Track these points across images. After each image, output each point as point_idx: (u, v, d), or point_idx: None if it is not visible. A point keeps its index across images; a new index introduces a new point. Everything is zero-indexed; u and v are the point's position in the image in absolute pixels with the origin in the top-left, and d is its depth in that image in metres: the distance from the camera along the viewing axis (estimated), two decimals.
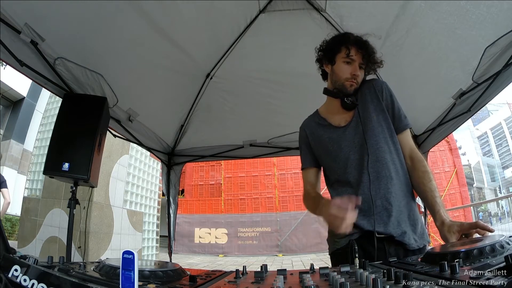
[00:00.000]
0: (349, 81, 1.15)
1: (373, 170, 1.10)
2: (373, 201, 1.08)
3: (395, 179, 1.10)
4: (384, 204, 1.08)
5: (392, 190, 1.09)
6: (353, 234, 1.10)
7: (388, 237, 1.06)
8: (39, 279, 0.54)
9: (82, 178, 1.81)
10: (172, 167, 3.24)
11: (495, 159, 34.11)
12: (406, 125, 1.17)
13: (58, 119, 1.87)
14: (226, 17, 2.13)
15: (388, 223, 1.07)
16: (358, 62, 1.15)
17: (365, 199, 1.08)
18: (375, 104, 1.17)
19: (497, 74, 1.80)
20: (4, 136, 11.29)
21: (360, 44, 1.16)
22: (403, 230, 1.07)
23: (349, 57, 1.15)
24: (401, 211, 1.09)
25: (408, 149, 1.16)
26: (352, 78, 1.14)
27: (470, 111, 2.16)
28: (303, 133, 1.29)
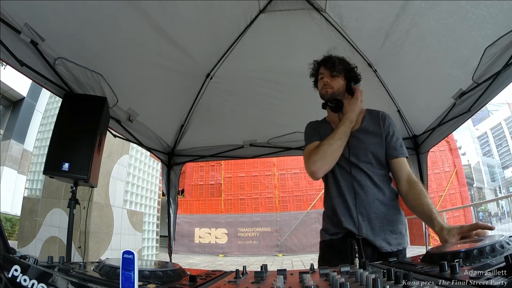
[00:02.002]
0: (323, 89, 1.35)
1: (354, 177, 1.26)
2: (356, 205, 1.23)
3: (374, 189, 1.25)
4: (361, 209, 1.22)
5: (370, 197, 1.23)
6: (337, 233, 1.26)
7: (363, 239, 1.18)
8: (39, 279, 0.54)
9: (82, 178, 1.81)
10: (172, 167, 3.25)
11: (495, 159, 34.11)
12: (401, 154, 1.29)
13: (58, 119, 1.87)
14: (226, 17, 2.13)
15: (363, 226, 1.20)
16: (327, 73, 1.35)
17: (348, 200, 1.24)
18: (374, 129, 1.32)
19: (497, 74, 1.80)
20: (4, 136, 11.28)
21: (325, 61, 1.38)
22: (376, 233, 1.19)
23: (321, 74, 1.38)
24: (377, 217, 1.22)
25: (406, 175, 1.27)
26: (324, 85, 1.34)
27: (470, 111, 2.16)
28: (314, 124, 1.46)
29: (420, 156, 2.96)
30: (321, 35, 2.20)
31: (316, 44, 2.29)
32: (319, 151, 1.23)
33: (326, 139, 1.25)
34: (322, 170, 1.24)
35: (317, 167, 1.23)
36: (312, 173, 1.25)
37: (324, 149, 1.23)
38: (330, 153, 1.22)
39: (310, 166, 1.23)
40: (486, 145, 35.87)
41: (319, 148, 1.24)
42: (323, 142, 1.25)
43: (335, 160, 1.25)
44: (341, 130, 1.25)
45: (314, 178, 1.28)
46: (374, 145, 1.28)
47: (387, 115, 1.37)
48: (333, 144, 1.22)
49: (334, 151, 1.23)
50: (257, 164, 11.52)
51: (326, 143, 1.23)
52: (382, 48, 2.21)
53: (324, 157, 1.22)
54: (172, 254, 3.27)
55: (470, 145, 33.16)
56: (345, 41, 2.26)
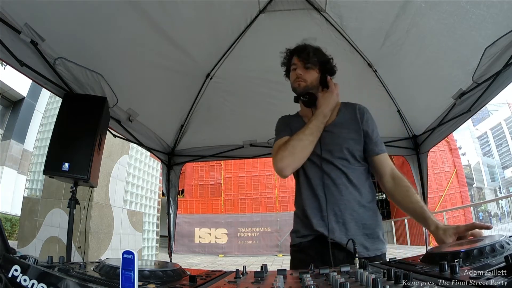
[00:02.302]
0: (296, 82, 1.26)
1: (327, 174, 1.17)
2: (326, 204, 1.14)
3: (350, 188, 1.16)
4: (335, 210, 1.13)
5: (346, 197, 1.14)
6: (307, 236, 1.17)
7: (336, 243, 1.09)
8: (39, 279, 0.54)
9: (82, 178, 1.81)
10: (172, 167, 3.24)
11: (495, 159, 34.11)
12: (382, 150, 1.24)
13: (58, 119, 1.87)
14: (226, 17, 2.13)
15: (336, 229, 1.11)
16: (301, 64, 1.25)
17: (320, 200, 1.15)
18: (350, 123, 1.25)
19: (497, 74, 1.80)
20: (4, 136, 11.29)
21: (298, 50, 1.29)
22: (351, 237, 1.06)
23: (293, 65, 1.28)
24: (353, 219, 1.13)
25: (389, 170, 1.21)
26: (297, 78, 1.25)
27: (470, 111, 2.16)
28: (286, 119, 1.38)
29: (420, 156, 2.96)
30: (321, 35, 2.20)
31: (316, 44, 2.28)
32: (288, 146, 1.13)
33: (296, 134, 1.16)
34: (291, 168, 1.14)
35: (284, 164, 1.12)
36: (279, 171, 1.14)
37: (293, 144, 1.13)
38: (299, 149, 1.13)
39: (278, 162, 1.13)
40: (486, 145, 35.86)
41: (288, 143, 1.14)
42: (292, 137, 1.16)
43: (305, 157, 1.15)
44: (313, 124, 1.16)
45: (282, 176, 1.17)
46: (350, 140, 1.20)
47: (365, 109, 1.29)
48: (303, 139, 1.14)
49: (304, 147, 1.14)
50: (257, 164, 11.53)
51: (296, 138, 1.14)
52: (382, 48, 2.21)
53: (293, 153, 1.12)
54: (172, 254, 3.27)
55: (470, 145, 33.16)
56: (345, 41, 2.26)
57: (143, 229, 6.95)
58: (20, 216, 6.26)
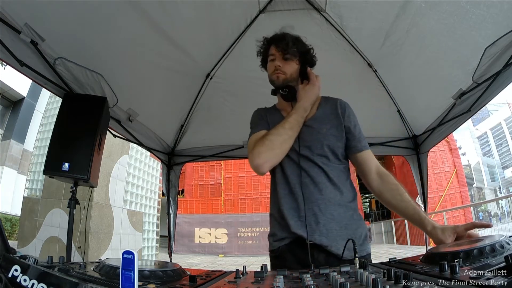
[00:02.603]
0: (274, 74, 1.18)
1: (306, 172, 1.10)
2: (305, 204, 1.06)
3: (330, 186, 1.09)
4: (314, 210, 1.06)
5: (326, 196, 1.07)
6: (284, 239, 1.09)
7: (317, 245, 1.02)
8: (39, 279, 0.54)
9: (82, 178, 1.81)
10: (172, 167, 3.24)
11: (495, 159, 34.11)
12: (365, 146, 1.18)
13: (58, 119, 1.87)
14: (226, 17, 2.13)
15: (316, 230, 1.04)
16: (279, 55, 1.17)
17: (298, 200, 1.08)
18: (331, 119, 1.18)
19: (497, 74, 1.80)
20: (4, 136, 11.29)
21: (276, 40, 1.19)
22: (332, 239, 1.03)
23: (271, 55, 1.20)
24: (333, 219, 1.06)
25: (374, 167, 1.16)
26: (276, 70, 1.17)
27: (470, 111, 2.16)
28: (261, 112, 1.29)
29: (420, 156, 2.96)
30: (321, 35, 2.20)
31: (316, 44, 2.28)
32: (265, 141, 1.05)
33: (274, 128, 1.08)
34: (268, 164, 1.07)
35: (262, 160, 1.04)
36: (256, 167, 1.06)
37: (271, 139, 1.05)
38: (278, 144, 1.05)
39: (254, 158, 1.05)
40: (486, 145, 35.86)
41: (266, 138, 1.06)
42: (270, 131, 1.08)
43: (283, 153, 1.08)
44: (293, 119, 1.08)
45: (258, 173, 1.10)
46: (330, 136, 1.13)
47: (347, 104, 1.22)
48: (282, 134, 1.06)
49: (283, 143, 1.06)
50: None
51: (275, 132, 1.06)
52: (382, 48, 2.21)
53: (271, 148, 1.05)
54: (172, 254, 3.27)
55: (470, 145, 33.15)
56: (345, 41, 2.26)
57: (143, 229, 6.95)
58: (20, 216, 6.26)
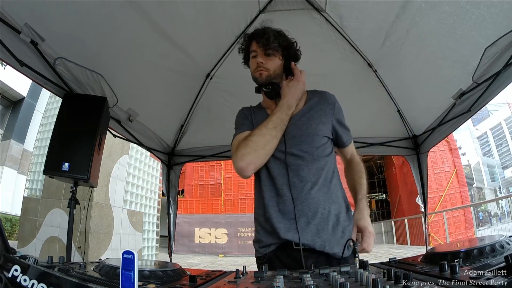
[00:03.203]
0: (257, 71, 1.13)
1: (294, 172, 1.04)
2: (294, 204, 1.01)
3: (320, 184, 1.04)
4: (304, 210, 1.01)
5: (315, 195, 1.03)
6: (270, 245, 1.03)
7: (307, 248, 0.98)
8: (39, 279, 0.54)
9: (82, 178, 1.81)
10: (172, 167, 3.24)
11: (495, 159, 34.08)
12: (349, 141, 1.22)
13: (58, 119, 1.87)
14: (226, 17, 2.13)
15: (308, 232, 0.99)
16: (261, 51, 1.13)
17: (286, 202, 1.02)
18: (320, 113, 1.14)
19: (497, 74, 1.80)
20: (4, 136, 11.29)
21: (257, 35, 1.15)
22: (323, 238, 0.99)
23: (253, 52, 1.16)
24: (324, 218, 1.02)
25: (350, 154, 1.23)
26: (258, 67, 1.13)
27: (470, 111, 2.16)
28: (246, 111, 1.24)
29: (420, 156, 2.96)
30: (321, 35, 2.20)
31: (316, 44, 2.29)
32: (248, 142, 0.99)
33: (257, 127, 1.03)
34: (252, 167, 1.01)
35: (245, 163, 0.98)
36: (239, 170, 1.00)
37: (255, 140, 1.00)
38: (261, 145, 0.99)
39: (238, 161, 0.99)
40: (486, 145, 35.83)
41: (249, 139, 1.00)
42: (253, 131, 1.02)
43: (268, 154, 1.02)
44: (277, 117, 1.03)
45: (242, 177, 1.04)
46: (319, 132, 1.10)
47: (335, 97, 1.19)
48: (265, 134, 1.00)
49: (267, 143, 1.00)
50: None
51: (258, 133, 1.01)
52: (382, 48, 2.21)
53: (254, 150, 0.99)
54: (172, 254, 3.27)
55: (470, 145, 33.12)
56: (345, 41, 2.26)
57: (143, 229, 6.95)
58: (20, 216, 6.25)
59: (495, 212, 16.89)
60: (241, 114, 1.23)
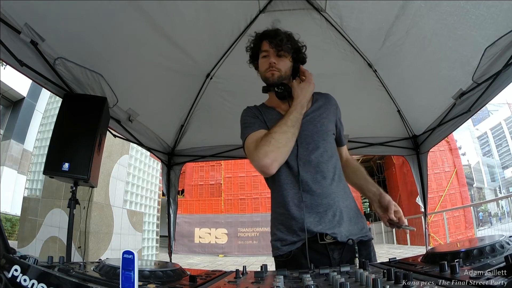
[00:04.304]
0: (268, 71, 1.17)
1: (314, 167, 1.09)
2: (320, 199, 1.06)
3: (336, 179, 1.10)
4: (329, 203, 1.05)
5: (335, 189, 1.08)
6: (296, 242, 1.05)
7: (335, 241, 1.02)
8: (39, 279, 0.54)
9: (82, 178, 1.81)
10: (172, 167, 3.24)
11: (495, 159, 34.07)
12: (346, 141, 1.34)
13: (58, 119, 1.87)
14: (226, 17, 2.13)
15: (335, 224, 1.04)
16: (273, 52, 1.16)
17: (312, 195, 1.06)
18: (327, 113, 1.22)
19: (497, 74, 1.80)
20: (4, 136, 11.29)
21: (270, 35, 1.18)
22: (346, 230, 1.05)
23: (264, 51, 1.19)
24: (345, 211, 1.08)
25: (345, 153, 1.33)
26: (270, 67, 1.16)
27: (470, 111, 2.16)
28: (254, 110, 1.26)
29: (420, 156, 2.96)
30: (321, 35, 2.20)
31: (316, 44, 2.28)
32: (271, 140, 1.01)
33: (277, 126, 1.04)
34: (277, 163, 1.02)
35: (270, 159, 1.00)
36: (264, 167, 1.01)
37: (277, 137, 1.01)
38: (284, 142, 1.02)
39: (262, 158, 1.00)
40: (486, 145, 35.83)
41: (270, 136, 1.02)
42: (273, 130, 1.04)
43: (289, 151, 1.05)
44: (294, 116, 1.06)
45: (266, 174, 1.05)
46: (329, 129, 1.18)
47: (335, 100, 1.29)
48: (286, 131, 1.03)
49: (288, 140, 1.03)
50: None
51: (279, 130, 1.03)
52: (382, 48, 2.21)
53: (278, 147, 1.00)
54: (172, 254, 3.27)
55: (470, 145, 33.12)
56: (345, 41, 2.26)
57: (143, 229, 6.95)
58: (20, 216, 6.25)
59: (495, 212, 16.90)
60: (249, 113, 1.24)
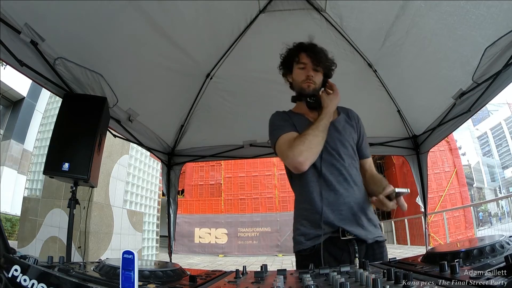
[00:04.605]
0: (305, 83, 1.28)
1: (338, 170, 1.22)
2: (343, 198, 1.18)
3: (359, 182, 1.24)
4: (350, 203, 1.18)
5: (357, 190, 1.22)
6: (320, 236, 1.13)
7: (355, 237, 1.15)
8: (39, 279, 0.54)
9: (82, 178, 1.81)
10: (172, 167, 3.24)
11: (495, 159, 34.07)
12: (369, 153, 1.37)
13: (58, 119, 1.86)
14: (226, 17, 2.13)
15: (353, 222, 1.17)
16: (311, 66, 1.28)
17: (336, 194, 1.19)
18: (349, 124, 1.34)
19: (497, 74, 1.80)
20: (4, 136, 11.29)
21: (308, 49, 1.30)
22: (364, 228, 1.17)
23: (301, 63, 1.29)
24: (364, 212, 1.20)
25: (369, 170, 1.35)
26: (307, 79, 1.27)
27: (470, 111, 2.16)
28: (284, 115, 1.35)
29: (420, 156, 2.96)
30: (321, 35, 2.19)
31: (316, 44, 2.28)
32: (305, 141, 1.14)
33: (310, 129, 1.17)
34: (309, 161, 1.15)
35: (304, 158, 1.13)
36: (298, 164, 1.14)
37: (310, 139, 1.15)
38: (315, 144, 1.15)
39: (296, 156, 1.13)
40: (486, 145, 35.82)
41: (304, 138, 1.15)
42: (307, 132, 1.17)
43: (319, 152, 1.18)
44: (324, 123, 1.19)
45: (298, 170, 1.17)
46: (351, 139, 1.30)
47: (357, 115, 1.40)
48: (318, 135, 1.16)
49: (319, 143, 1.16)
50: (257, 164, 11.52)
51: (312, 133, 1.16)
52: (382, 48, 2.21)
53: (310, 148, 1.14)
54: (172, 254, 3.27)
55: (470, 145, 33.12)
56: (345, 41, 2.26)
57: (143, 229, 6.95)
58: (20, 216, 6.25)
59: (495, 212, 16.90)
60: (280, 117, 1.35)
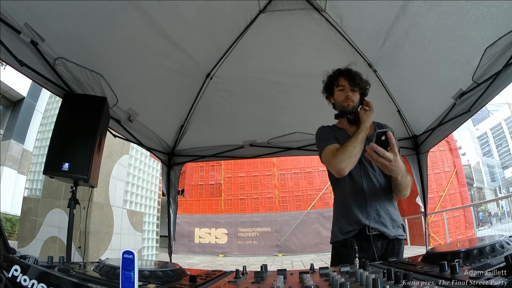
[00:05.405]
0: (345, 102, 1.49)
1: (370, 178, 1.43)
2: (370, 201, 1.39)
3: (385, 189, 1.44)
4: (376, 206, 1.39)
5: (382, 196, 1.42)
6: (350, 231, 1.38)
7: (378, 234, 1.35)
8: (39, 279, 0.54)
9: (82, 178, 1.81)
10: (172, 167, 3.24)
11: (495, 159, 34.07)
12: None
13: (58, 119, 1.86)
14: (226, 17, 2.13)
15: (378, 221, 1.37)
16: (349, 87, 1.48)
17: (365, 198, 1.39)
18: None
19: (497, 74, 1.80)
20: (4, 136, 11.29)
21: (345, 73, 1.51)
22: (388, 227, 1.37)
23: (340, 85, 1.51)
24: (388, 214, 1.40)
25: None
26: (346, 99, 1.48)
27: (470, 111, 2.16)
28: (328, 129, 1.56)
29: (420, 156, 2.96)
30: (321, 35, 2.20)
31: (316, 44, 2.29)
32: (346, 151, 1.35)
33: (350, 141, 1.38)
34: (349, 168, 1.35)
35: (345, 165, 1.34)
36: (340, 170, 1.36)
37: (350, 150, 1.35)
38: (354, 153, 1.35)
39: (338, 163, 1.35)
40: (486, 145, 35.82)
41: (346, 148, 1.36)
42: (348, 143, 1.37)
43: (356, 160, 1.37)
44: (361, 136, 1.38)
45: (340, 175, 1.38)
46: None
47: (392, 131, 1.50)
48: (356, 146, 1.36)
49: (357, 153, 1.35)
50: (257, 164, 11.51)
51: (351, 145, 1.36)
52: (382, 49, 2.21)
53: (350, 157, 1.34)
54: (172, 254, 3.27)
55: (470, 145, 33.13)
56: (345, 41, 2.26)
57: (143, 229, 6.94)
58: (20, 216, 6.25)
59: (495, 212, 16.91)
60: (325, 131, 1.56)
